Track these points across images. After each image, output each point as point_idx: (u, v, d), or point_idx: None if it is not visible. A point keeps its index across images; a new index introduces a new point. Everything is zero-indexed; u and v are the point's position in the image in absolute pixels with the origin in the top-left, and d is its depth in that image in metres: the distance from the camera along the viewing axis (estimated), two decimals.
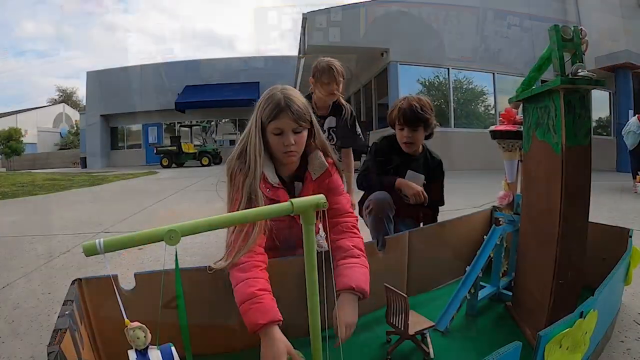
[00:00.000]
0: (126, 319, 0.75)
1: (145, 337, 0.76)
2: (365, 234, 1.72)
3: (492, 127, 1.64)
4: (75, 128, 36.45)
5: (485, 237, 1.55)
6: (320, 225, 1.40)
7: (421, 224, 2.04)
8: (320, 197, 0.89)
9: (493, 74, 11.20)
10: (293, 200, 0.85)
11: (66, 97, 45.60)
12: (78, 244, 2.87)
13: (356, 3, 9.97)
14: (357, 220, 1.41)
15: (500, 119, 1.63)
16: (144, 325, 0.77)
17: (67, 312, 0.93)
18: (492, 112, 11.50)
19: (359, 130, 2.41)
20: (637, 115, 6.17)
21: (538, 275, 1.29)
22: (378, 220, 1.83)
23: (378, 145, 2.11)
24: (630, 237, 1.53)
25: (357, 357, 1.24)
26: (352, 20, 9.65)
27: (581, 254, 1.19)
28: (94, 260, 2.33)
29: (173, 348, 0.80)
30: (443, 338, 1.34)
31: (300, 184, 1.41)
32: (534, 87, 1.33)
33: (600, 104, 12.65)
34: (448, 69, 10.86)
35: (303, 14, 9.61)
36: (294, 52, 15.28)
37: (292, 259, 1.32)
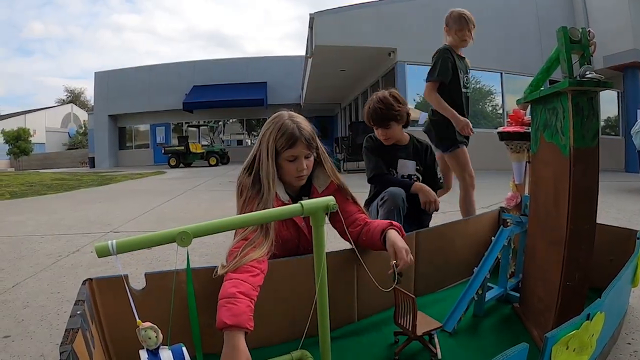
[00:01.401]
0: (138, 319, 0.76)
1: (156, 337, 0.77)
2: None
3: (500, 129, 1.64)
4: (83, 128, 36.79)
5: (492, 238, 1.55)
6: None
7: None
8: (330, 199, 0.90)
9: (501, 73, 11.10)
10: (303, 202, 0.86)
11: (74, 98, 46.04)
12: (87, 244, 2.90)
13: (363, 3, 9.95)
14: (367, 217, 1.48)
15: (509, 120, 1.63)
16: (155, 326, 0.78)
17: (78, 312, 0.93)
18: (500, 111, 11.42)
19: None
20: None
21: (545, 276, 1.29)
22: (390, 212, 1.84)
23: (367, 147, 2.15)
24: (638, 238, 1.51)
25: (365, 357, 1.25)
26: (360, 20, 9.63)
27: (589, 256, 1.19)
28: (103, 260, 2.35)
29: (184, 348, 0.81)
30: (450, 339, 1.35)
31: (307, 198, 1.47)
32: (542, 89, 1.34)
33: (608, 103, 12.52)
34: None
35: (310, 14, 9.60)
36: (302, 52, 15.28)
37: (301, 258, 1.33)
